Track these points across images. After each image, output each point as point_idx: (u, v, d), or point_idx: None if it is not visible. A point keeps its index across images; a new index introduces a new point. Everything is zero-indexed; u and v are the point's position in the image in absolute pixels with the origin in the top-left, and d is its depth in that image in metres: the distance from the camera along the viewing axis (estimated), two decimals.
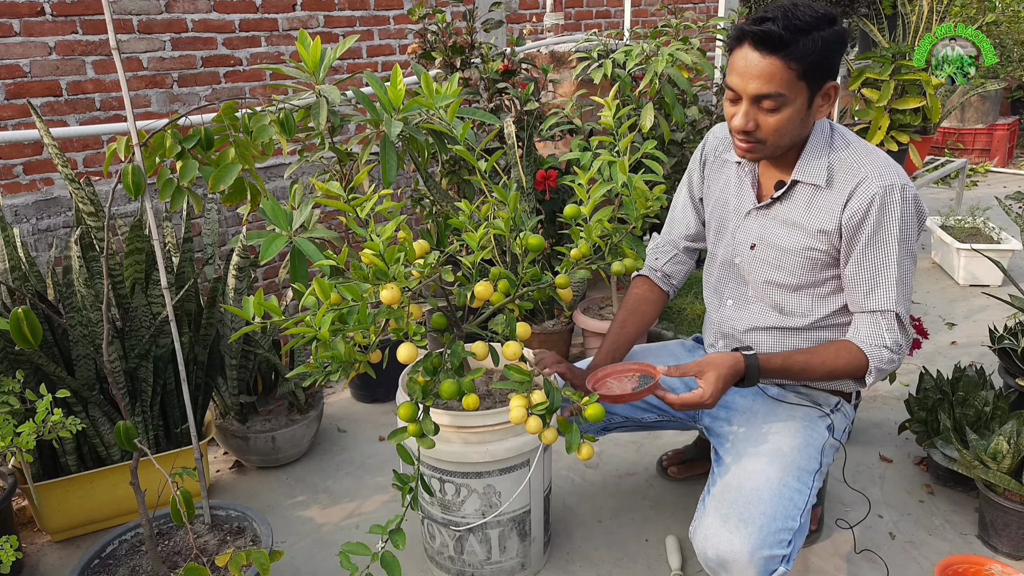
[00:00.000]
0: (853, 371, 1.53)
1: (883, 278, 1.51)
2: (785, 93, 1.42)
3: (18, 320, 1.28)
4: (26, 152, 2.78)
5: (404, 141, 1.67)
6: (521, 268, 1.50)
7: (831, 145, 1.55)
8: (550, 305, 2.86)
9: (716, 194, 1.74)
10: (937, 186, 5.19)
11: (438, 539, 1.78)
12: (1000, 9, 5.68)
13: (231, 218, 3.13)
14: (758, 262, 1.64)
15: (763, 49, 1.39)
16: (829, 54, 1.42)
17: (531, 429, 1.42)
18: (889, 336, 1.52)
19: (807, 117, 1.48)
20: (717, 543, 1.44)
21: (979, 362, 2.57)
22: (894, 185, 1.47)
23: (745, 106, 1.45)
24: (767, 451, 1.55)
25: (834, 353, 1.54)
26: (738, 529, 1.42)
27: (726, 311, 1.73)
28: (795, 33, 1.37)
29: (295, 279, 1.36)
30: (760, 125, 1.46)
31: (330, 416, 2.62)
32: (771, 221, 1.61)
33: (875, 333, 1.52)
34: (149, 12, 2.97)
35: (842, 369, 1.53)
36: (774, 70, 1.39)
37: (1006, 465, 1.80)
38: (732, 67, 1.46)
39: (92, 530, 2.03)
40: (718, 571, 1.46)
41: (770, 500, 1.46)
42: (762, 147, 1.50)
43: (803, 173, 1.55)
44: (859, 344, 1.53)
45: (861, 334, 1.54)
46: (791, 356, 1.54)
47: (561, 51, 3.62)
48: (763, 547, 1.40)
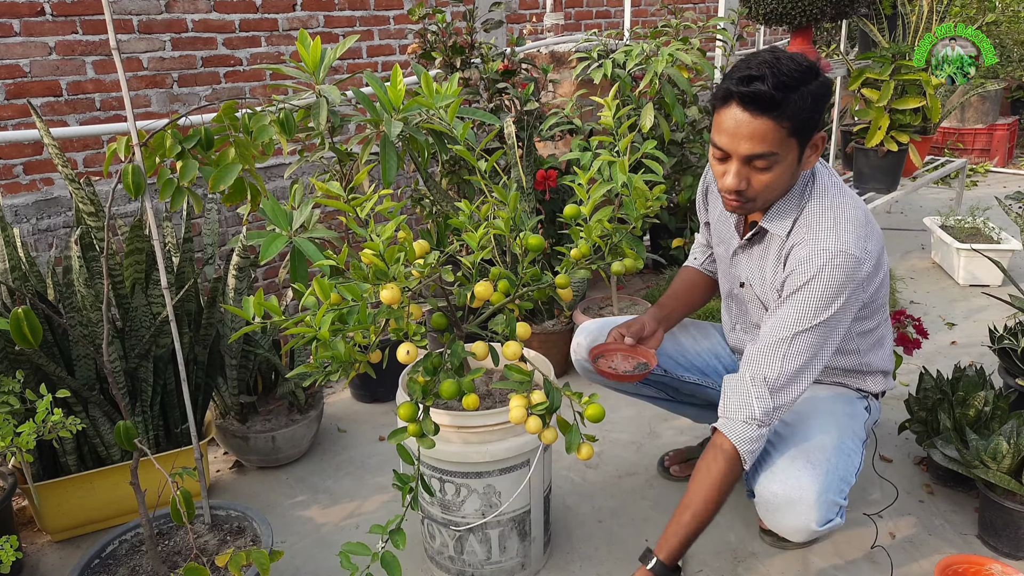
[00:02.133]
0: (735, 475, 1.46)
1: (779, 336, 1.44)
2: (777, 152, 1.39)
3: (18, 320, 1.28)
4: (26, 152, 2.78)
5: (404, 141, 1.67)
6: (521, 268, 1.50)
7: (805, 197, 1.53)
8: (550, 305, 2.86)
9: (716, 220, 1.79)
10: (937, 186, 5.19)
11: (438, 539, 1.78)
12: (1000, 9, 5.68)
13: (231, 218, 3.13)
14: (750, 297, 1.69)
15: (753, 110, 1.35)
16: (818, 107, 1.39)
17: (531, 429, 1.42)
18: (759, 405, 1.43)
19: (796, 170, 1.47)
20: (785, 479, 1.47)
21: (979, 362, 2.57)
22: (826, 249, 1.43)
23: (736, 166, 1.43)
24: (823, 412, 1.61)
25: (709, 475, 1.45)
26: (805, 469, 1.47)
27: (736, 334, 1.81)
28: (785, 92, 1.33)
29: (295, 279, 1.36)
30: (752, 184, 1.45)
31: (330, 416, 2.62)
32: (754, 262, 1.64)
33: (743, 403, 1.45)
34: (149, 12, 2.97)
35: (726, 483, 1.45)
36: (766, 130, 1.36)
37: (1006, 465, 1.80)
38: (720, 127, 1.42)
39: (92, 530, 2.03)
40: (783, 508, 1.47)
41: (833, 450, 1.52)
42: (752, 203, 1.49)
43: (771, 223, 1.55)
44: (722, 430, 1.46)
45: (728, 404, 1.47)
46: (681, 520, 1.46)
47: (561, 51, 3.62)
48: (828, 490, 1.46)
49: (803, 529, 1.46)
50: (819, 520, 1.44)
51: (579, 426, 1.45)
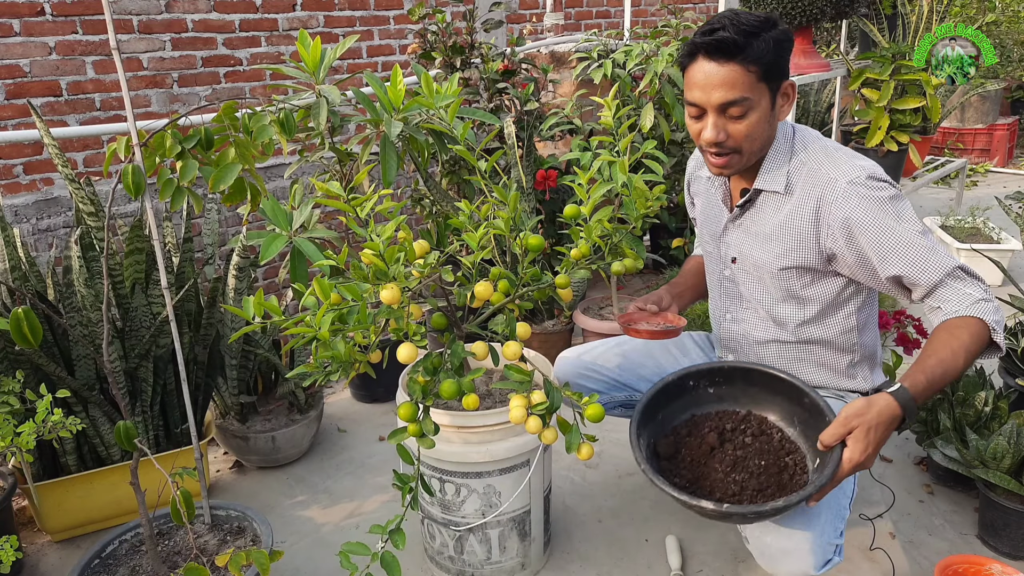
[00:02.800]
0: (981, 339, 1.37)
1: (922, 247, 1.43)
2: (750, 96, 1.43)
3: (18, 320, 1.28)
4: (26, 152, 2.78)
5: (404, 141, 1.66)
6: (521, 268, 1.50)
7: (792, 150, 1.55)
8: (550, 305, 2.86)
9: (700, 211, 1.79)
10: (937, 186, 5.18)
11: (438, 539, 1.78)
12: (1000, 9, 5.68)
13: (231, 218, 3.13)
14: (743, 274, 1.67)
15: (719, 57, 1.41)
16: (781, 52, 1.44)
17: (531, 429, 1.42)
18: (975, 290, 1.40)
19: (772, 119, 1.49)
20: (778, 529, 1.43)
21: (979, 362, 2.57)
22: (858, 176, 1.46)
23: (712, 117, 1.46)
24: None
25: (952, 336, 1.37)
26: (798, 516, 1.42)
27: (727, 325, 1.77)
28: (747, 36, 1.39)
29: (295, 279, 1.36)
30: (731, 134, 1.47)
31: (330, 416, 2.62)
32: (744, 233, 1.63)
33: (963, 295, 1.40)
34: (149, 12, 2.97)
35: (972, 343, 1.36)
36: (735, 75, 1.41)
37: (1006, 465, 1.80)
38: (690, 82, 1.46)
39: (92, 530, 2.03)
40: (778, 558, 1.44)
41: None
42: (738, 157, 1.50)
43: (764, 181, 1.56)
44: (962, 314, 1.38)
45: (952, 306, 1.40)
46: (925, 366, 1.36)
47: (561, 51, 3.62)
48: (823, 535, 1.41)
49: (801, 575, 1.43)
50: (816, 565, 1.41)
51: (579, 426, 1.45)
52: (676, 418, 1.60)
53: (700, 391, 1.61)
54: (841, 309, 1.61)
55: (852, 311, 1.62)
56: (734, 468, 1.46)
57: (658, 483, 1.36)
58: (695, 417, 1.59)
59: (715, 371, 1.59)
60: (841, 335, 1.63)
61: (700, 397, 1.61)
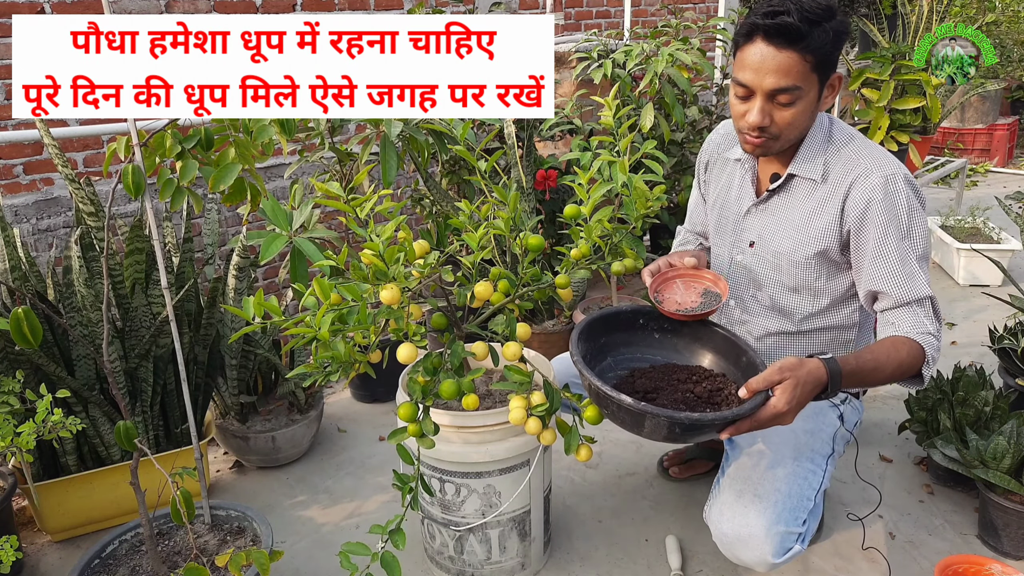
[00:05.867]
0: (914, 364, 1.43)
1: (911, 267, 1.47)
2: (801, 86, 1.41)
3: (18, 320, 1.28)
4: (26, 152, 2.78)
5: (404, 141, 1.67)
6: (521, 268, 1.50)
7: (830, 139, 1.55)
8: (550, 305, 2.86)
9: (714, 194, 1.76)
10: (937, 186, 5.18)
11: (438, 539, 1.78)
12: (1000, 9, 5.68)
13: (231, 218, 3.13)
14: (758, 259, 1.65)
15: (778, 42, 1.38)
16: (838, 44, 1.42)
17: (531, 430, 1.42)
18: (930, 324, 1.46)
19: (816, 109, 1.49)
20: (732, 516, 1.46)
21: (979, 362, 2.57)
22: (895, 174, 1.47)
23: (760, 102, 1.44)
24: (780, 433, 1.56)
25: (893, 348, 1.43)
26: (752, 504, 1.45)
27: (727, 311, 1.75)
28: (810, 24, 1.37)
29: (295, 279, 1.36)
30: (775, 120, 1.46)
31: (330, 416, 2.62)
32: (770, 218, 1.61)
33: (917, 323, 1.45)
34: (149, 12, 2.97)
35: (907, 363, 1.42)
36: (791, 63, 1.39)
37: (1006, 465, 1.80)
38: (743, 63, 1.43)
39: (92, 530, 2.03)
40: (735, 546, 1.46)
41: (784, 478, 1.49)
42: (774, 142, 1.49)
43: (800, 167, 1.55)
44: (911, 337, 1.44)
45: (906, 327, 1.46)
46: (860, 357, 1.41)
47: (561, 51, 3.62)
48: (778, 522, 1.43)
49: (761, 562, 1.44)
50: (774, 552, 1.42)
51: (578, 428, 1.45)
52: (618, 351, 1.57)
53: (648, 331, 1.60)
54: (847, 306, 1.63)
55: (856, 308, 1.63)
56: (672, 401, 1.43)
57: (586, 373, 1.34)
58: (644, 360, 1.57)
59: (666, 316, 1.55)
60: (840, 331, 1.65)
61: (647, 338, 1.59)
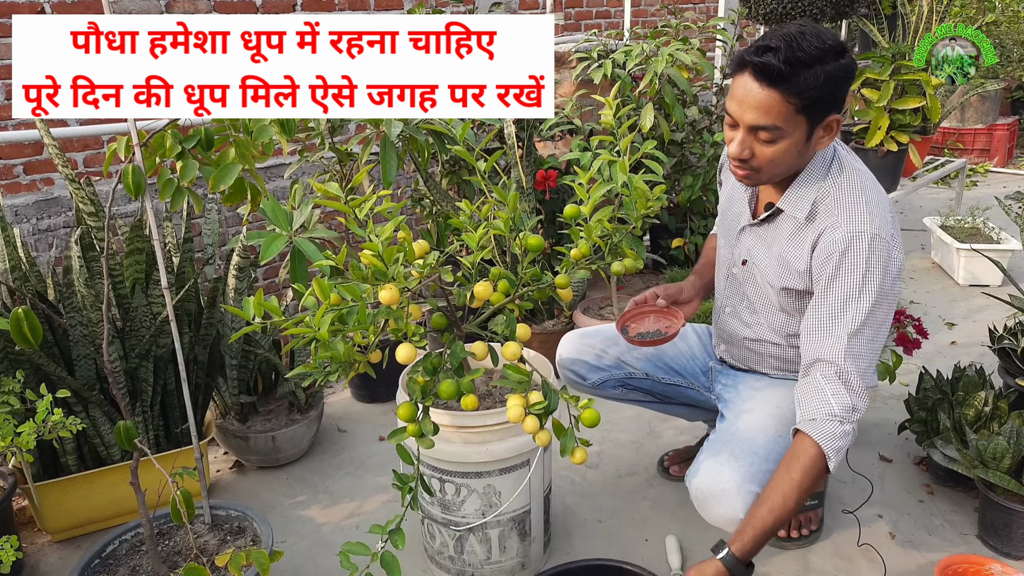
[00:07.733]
0: (814, 473, 1.37)
1: (838, 327, 1.40)
2: (782, 126, 1.38)
3: (18, 320, 1.28)
4: (26, 152, 2.78)
5: (404, 141, 1.67)
6: (521, 268, 1.50)
7: (826, 175, 1.50)
8: (550, 305, 2.86)
9: (724, 200, 1.78)
10: (937, 186, 5.18)
11: (438, 539, 1.78)
12: (1000, 9, 5.67)
13: (231, 218, 3.13)
14: (748, 277, 1.67)
15: (762, 80, 1.35)
16: (832, 88, 1.37)
17: (528, 428, 1.43)
18: (836, 401, 1.38)
19: (805, 149, 1.44)
20: (707, 471, 1.50)
21: (979, 362, 2.57)
22: (863, 233, 1.41)
23: (742, 134, 1.42)
24: (766, 405, 1.61)
25: (787, 475, 1.38)
26: (727, 462, 1.49)
27: (724, 318, 1.77)
28: (796, 67, 1.32)
29: (295, 279, 1.36)
30: (756, 154, 1.43)
31: (330, 416, 2.62)
32: (760, 242, 1.62)
33: (824, 400, 1.39)
34: (149, 12, 2.97)
35: (805, 480, 1.37)
36: (772, 103, 1.35)
37: (1006, 465, 1.80)
38: (732, 93, 1.42)
39: (92, 530, 2.04)
40: (708, 502, 1.50)
41: (764, 443, 1.52)
42: (757, 175, 1.48)
43: (788, 203, 1.53)
44: (804, 431, 1.39)
45: (804, 409, 1.41)
46: (755, 514, 1.38)
47: (561, 51, 3.62)
48: (751, 481, 1.45)
49: (732, 519, 1.46)
50: (744, 509, 1.44)
51: (574, 430, 1.45)
52: None
53: None
54: None
55: None
56: None
57: None
58: None
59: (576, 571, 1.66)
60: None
61: None
